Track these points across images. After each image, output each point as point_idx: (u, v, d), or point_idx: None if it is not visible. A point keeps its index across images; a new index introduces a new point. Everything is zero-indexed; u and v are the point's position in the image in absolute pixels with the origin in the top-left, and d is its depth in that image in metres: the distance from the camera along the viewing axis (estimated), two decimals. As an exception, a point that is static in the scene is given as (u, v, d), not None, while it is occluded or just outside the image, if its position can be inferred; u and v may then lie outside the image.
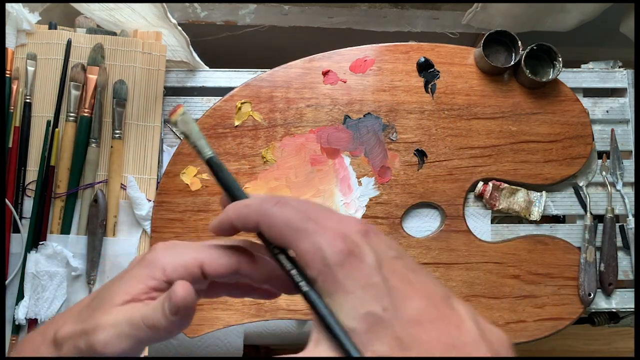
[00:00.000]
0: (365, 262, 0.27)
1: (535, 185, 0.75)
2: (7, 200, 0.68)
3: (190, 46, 0.75)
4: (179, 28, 0.73)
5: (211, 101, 0.77)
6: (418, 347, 0.25)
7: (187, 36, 0.74)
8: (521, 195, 0.74)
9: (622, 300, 0.74)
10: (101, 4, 0.72)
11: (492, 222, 0.75)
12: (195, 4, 0.98)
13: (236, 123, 0.74)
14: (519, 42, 0.73)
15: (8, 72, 0.70)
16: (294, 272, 0.29)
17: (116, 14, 0.74)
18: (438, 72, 0.76)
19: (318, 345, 0.27)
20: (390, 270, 0.27)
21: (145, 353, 0.70)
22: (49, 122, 0.71)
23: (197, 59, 0.77)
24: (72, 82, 0.71)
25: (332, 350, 0.26)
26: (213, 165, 0.34)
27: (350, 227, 0.28)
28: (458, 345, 0.25)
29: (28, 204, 0.69)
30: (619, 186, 0.76)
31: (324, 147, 0.74)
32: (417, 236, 0.73)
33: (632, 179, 0.76)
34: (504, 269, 0.72)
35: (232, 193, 0.33)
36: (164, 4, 0.70)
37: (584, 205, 0.75)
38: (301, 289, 0.28)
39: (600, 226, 0.75)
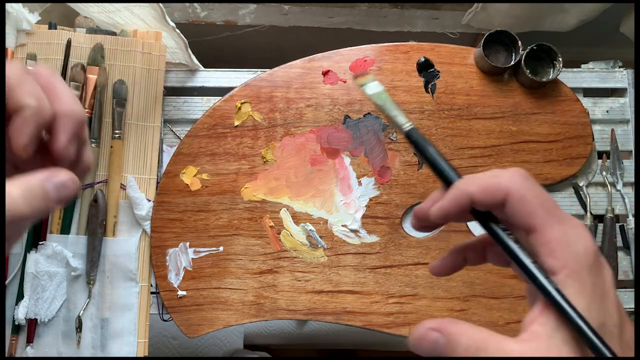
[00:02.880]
0: (607, 273, 0.27)
1: (535, 185, 0.75)
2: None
3: (189, 49, 0.75)
4: (177, 31, 0.73)
5: (211, 101, 0.77)
6: None
7: (185, 39, 0.74)
8: (521, 195, 0.74)
9: (622, 301, 0.74)
10: (100, 7, 0.72)
11: (492, 222, 0.75)
12: (195, 4, 0.98)
13: (236, 123, 0.74)
14: (519, 42, 0.73)
15: (8, 72, 0.70)
16: (534, 266, 0.27)
17: (115, 16, 0.74)
18: (438, 72, 0.76)
19: (553, 337, 0.26)
20: (615, 291, 0.28)
21: (145, 353, 0.70)
22: (48, 122, 0.71)
23: (196, 61, 0.77)
24: (72, 82, 0.71)
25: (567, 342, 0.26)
26: (416, 140, 0.31)
27: (586, 228, 0.28)
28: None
29: (28, 204, 0.69)
30: (619, 186, 0.76)
31: (324, 147, 0.74)
32: (417, 236, 0.73)
33: (632, 179, 0.76)
34: (504, 269, 0.72)
35: (445, 172, 0.30)
36: (163, 7, 0.70)
37: (584, 205, 0.75)
38: (545, 287, 0.26)
39: (600, 226, 0.75)
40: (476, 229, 0.74)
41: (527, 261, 0.27)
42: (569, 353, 0.25)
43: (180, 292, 0.70)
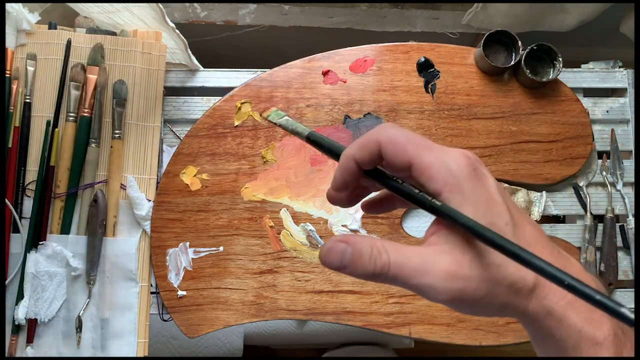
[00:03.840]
0: (488, 181, 0.29)
1: (535, 185, 0.75)
2: (7, 201, 0.68)
3: (189, 49, 0.75)
4: (177, 31, 0.73)
5: (211, 101, 0.77)
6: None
7: (185, 39, 0.74)
8: (521, 195, 0.74)
9: (622, 300, 0.74)
10: (99, 7, 0.72)
11: (492, 222, 0.75)
12: (195, 4, 0.98)
13: (236, 123, 0.74)
14: (519, 42, 0.73)
15: (8, 72, 0.70)
16: (419, 194, 0.29)
17: (115, 17, 0.74)
18: (438, 72, 0.76)
19: (448, 241, 0.28)
20: (505, 195, 0.30)
21: (145, 353, 0.70)
22: (48, 122, 0.71)
23: (195, 62, 0.77)
24: (72, 82, 0.71)
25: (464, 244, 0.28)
26: (315, 138, 0.34)
27: (467, 152, 0.30)
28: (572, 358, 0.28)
29: (28, 204, 0.69)
30: (619, 186, 0.76)
31: (324, 147, 0.74)
32: (417, 236, 0.73)
33: (632, 179, 0.76)
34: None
35: (334, 152, 0.33)
36: (162, 7, 0.70)
37: (584, 205, 0.75)
38: (434, 205, 0.28)
39: (600, 226, 0.75)
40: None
41: (414, 192, 0.30)
42: (462, 252, 0.27)
43: (180, 292, 0.70)
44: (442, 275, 0.27)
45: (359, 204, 0.35)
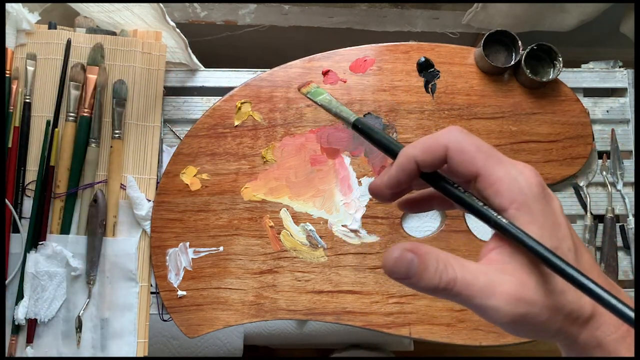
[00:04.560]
0: (555, 202, 0.28)
1: (535, 185, 0.74)
2: (6, 200, 0.68)
3: (189, 48, 0.75)
4: (178, 30, 0.73)
5: (211, 101, 0.77)
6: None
7: (185, 38, 0.74)
8: (521, 195, 0.74)
9: (622, 301, 0.74)
10: (100, 6, 0.72)
11: (492, 222, 0.75)
12: (195, 4, 0.98)
13: (236, 123, 0.74)
14: (519, 42, 0.73)
15: (8, 72, 0.70)
16: (484, 208, 0.28)
17: (115, 16, 0.74)
18: (438, 72, 0.75)
19: (512, 260, 0.27)
20: (567, 219, 0.29)
21: (145, 353, 0.70)
22: (48, 122, 0.71)
23: (196, 61, 0.77)
24: (71, 82, 0.71)
25: (529, 264, 0.27)
26: (362, 126, 0.33)
27: (531, 167, 0.29)
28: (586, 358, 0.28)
29: (28, 204, 0.69)
30: (619, 186, 0.76)
31: (324, 147, 0.74)
32: (417, 236, 0.73)
33: (633, 179, 0.76)
34: (504, 269, 0.72)
35: (391, 148, 0.32)
36: (162, 6, 0.70)
37: (584, 205, 0.75)
38: (500, 222, 0.27)
39: (600, 226, 0.75)
40: (475, 226, 0.74)
41: (478, 205, 0.28)
42: (528, 275, 0.26)
43: (180, 292, 0.70)
44: (508, 297, 0.26)
45: (359, 204, 0.35)
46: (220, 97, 0.75)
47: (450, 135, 0.29)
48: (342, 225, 0.72)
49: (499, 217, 0.28)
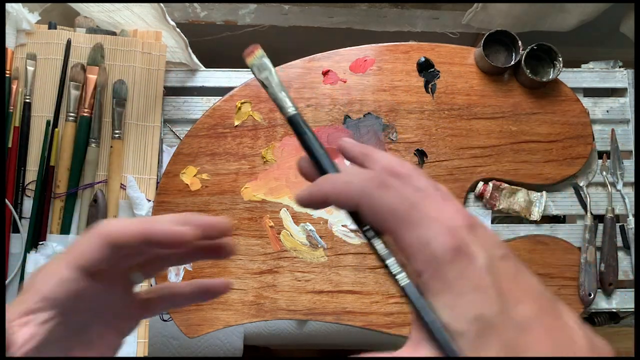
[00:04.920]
0: (476, 262, 0.25)
1: (535, 185, 0.75)
2: (6, 201, 0.68)
3: (189, 48, 0.75)
4: (178, 30, 0.73)
5: (211, 101, 0.77)
6: (530, 355, 0.24)
7: (185, 38, 0.74)
8: (521, 195, 0.74)
9: (622, 301, 0.74)
10: (100, 6, 0.72)
11: (492, 222, 0.75)
12: (195, 4, 0.98)
13: (236, 123, 0.74)
14: (519, 42, 0.73)
15: (8, 72, 0.70)
16: (390, 261, 0.27)
17: (115, 16, 0.74)
18: (438, 72, 0.75)
19: (418, 347, 0.26)
20: (500, 271, 0.26)
21: (145, 353, 0.70)
22: (48, 122, 0.71)
23: (196, 60, 0.77)
24: (71, 82, 0.71)
25: (434, 353, 0.25)
26: (295, 126, 0.30)
27: (456, 220, 0.26)
28: (571, 358, 0.25)
29: (28, 204, 0.69)
30: (619, 186, 0.76)
31: (324, 147, 0.74)
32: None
33: (633, 179, 0.76)
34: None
35: (319, 161, 0.30)
36: (163, 6, 0.70)
37: (584, 205, 0.75)
38: (398, 282, 0.27)
39: (600, 226, 0.75)
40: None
41: (386, 259, 0.27)
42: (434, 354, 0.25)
43: (180, 292, 0.70)
44: None
45: None
46: (220, 97, 0.75)
47: (364, 190, 0.27)
48: (342, 225, 0.72)
49: (401, 274, 0.27)
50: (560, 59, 0.73)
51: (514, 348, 0.24)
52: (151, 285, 0.71)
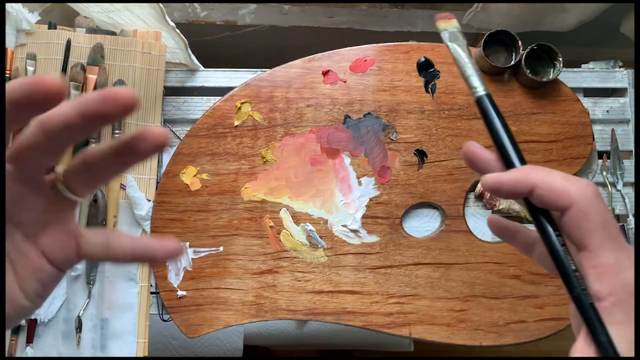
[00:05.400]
0: None
1: (535, 185, 0.74)
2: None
3: (189, 48, 0.75)
4: (177, 30, 0.73)
5: (211, 101, 0.77)
6: None
7: (185, 39, 0.74)
8: (521, 195, 0.74)
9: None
10: (100, 7, 0.72)
11: (492, 222, 0.75)
12: (195, 4, 0.98)
13: (236, 123, 0.74)
14: (519, 42, 0.73)
15: (8, 72, 0.70)
16: (574, 275, 0.26)
17: (115, 16, 0.74)
18: (438, 72, 0.75)
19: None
20: None
21: (145, 353, 0.70)
22: (48, 122, 0.71)
23: (196, 61, 0.77)
24: (71, 82, 0.71)
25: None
26: (484, 108, 0.29)
27: (632, 255, 0.26)
28: None
29: (28, 204, 0.69)
30: (619, 186, 0.76)
31: (324, 147, 0.74)
32: (417, 236, 0.73)
33: (633, 179, 0.76)
34: (505, 269, 0.72)
35: (508, 150, 0.29)
36: (162, 7, 0.70)
37: (584, 205, 0.75)
38: (580, 299, 0.26)
39: (600, 226, 0.75)
40: (476, 226, 0.73)
41: (570, 269, 0.26)
42: None
43: (180, 292, 0.70)
44: None
45: (359, 204, 0.33)
46: (220, 97, 0.75)
47: (584, 193, 0.26)
48: (342, 225, 0.72)
49: (582, 292, 0.26)
50: (561, 59, 0.73)
51: None
52: (152, 287, 0.71)
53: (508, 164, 0.29)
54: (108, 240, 0.30)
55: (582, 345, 0.26)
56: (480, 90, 0.29)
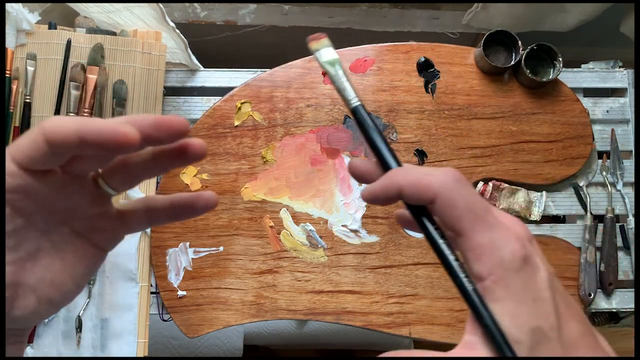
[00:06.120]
0: (539, 275, 0.26)
1: (535, 185, 0.75)
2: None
3: (189, 49, 0.75)
4: (177, 31, 0.73)
5: (211, 101, 0.77)
6: None
7: (185, 39, 0.74)
8: (521, 195, 0.74)
9: (622, 301, 0.74)
10: (100, 7, 0.72)
11: (492, 222, 0.75)
12: (195, 4, 0.98)
13: (236, 123, 0.74)
14: (519, 42, 0.73)
15: (8, 72, 0.70)
16: (456, 264, 0.27)
17: (115, 16, 0.74)
18: (438, 72, 0.75)
19: (473, 349, 0.26)
20: (555, 287, 0.27)
21: (145, 353, 0.70)
22: (48, 122, 0.71)
23: (195, 61, 0.77)
24: (71, 82, 0.71)
25: (490, 355, 0.25)
26: (360, 118, 0.30)
27: (522, 230, 0.27)
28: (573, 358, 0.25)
29: (28, 204, 0.69)
30: (619, 186, 0.76)
31: (324, 147, 0.74)
32: (417, 236, 0.73)
33: (632, 179, 0.76)
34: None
35: (385, 155, 0.29)
36: (162, 7, 0.70)
37: (584, 205, 0.75)
38: (463, 286, 0.26)
39: (600, 226, 0.75)
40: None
41: (450, 258, 0.27)
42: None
43: (180, 292, 0.70)
44: None
45: (359, 204, 0.33)
46: (220, 97, 0.75)
47: (444, 181, 0.27)
48: (342, 225, 0.72)
49: (465, 279, 0.26)
50: (560, 59, 0.73)
51: None
52: (153, 287, 0.71)
53: (386, 169, 0.30)
54: (147, 205, 0.32)
55: (471, 327, 0.27)
56: (356, 101, 0.30)
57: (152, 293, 0.71)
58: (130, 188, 0.31)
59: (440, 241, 0.28)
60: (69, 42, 0.72)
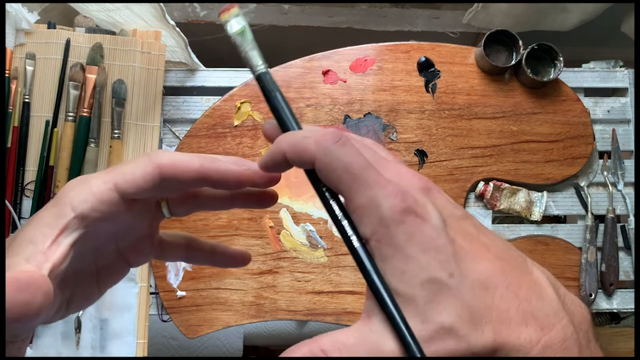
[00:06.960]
0: (429, 222, 0.24)
1: (536, 185, 0.74)
2: (6, 201, 0.67)
3: (189, 47, 0.75)
4: (177, 29, 0.73)
5: (211, 101, 0.76)
6: (491, 316, 0.22)
7: (185, 37, 0.74)
8: (522, 195, 0.74)
9: (623, 301, 0.74)
10: (99, 5, 0.72)
11: (493, 223, 0.75)
12: (195, 3, 0.97)
13: (236, 123, 0.74)
14: (520, 42, 0.73)
15: (7, 71, 0.70)
16: (345, 223, 0.26)
17: (115, 15, 0.73)
18: (438, 71, 0.75)
19: (370, 319, 0.25)
20: (457, 230, 0.24)
21: (145, 353, 0.70)
22: (47, 122, 0.71)
23: (196, 60, 0.77)
24: (71, 82, 0.70)
25: (384, 323, 0.24)
26: (263, 84, 0.29)
27: (411, 183, 0.25)
28: (539, 316, 0.23)
29: (27, 204, 0.69)
30: (620, 186, 0.76)
31: (324, 147, 0.74)
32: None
33: (633, 179, 0.76)
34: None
35: (284, 121, 0.29)
36: (162, 5, 0.70)
37: (585, 205, 0.75)
38: (352, 245, 0.26)
39: (601, 226, 0.75)
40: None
41: (340, 219, 0.26)
42: (383, 330, 0.24)
43: (179, 293, 0.70)
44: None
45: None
46: (220, 97, 0.75)
47: (320, 144, 0.26)
48: (342, 226, 0.72)
49: (354, 239, 0.26)
50: (561, 58, 0.73)
51: (473, 309, 0.23)
52: (152, 287, 0.71)
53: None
54: (189, 243, 0.34)
55: (367, 299, 0.26)
56: (262, 68, 0.30)
57: (151, 293, 0.71)
58: (186, 215, 0.32)
59: (333, 202, 0.27)
60: (68, 42, 0.72)
